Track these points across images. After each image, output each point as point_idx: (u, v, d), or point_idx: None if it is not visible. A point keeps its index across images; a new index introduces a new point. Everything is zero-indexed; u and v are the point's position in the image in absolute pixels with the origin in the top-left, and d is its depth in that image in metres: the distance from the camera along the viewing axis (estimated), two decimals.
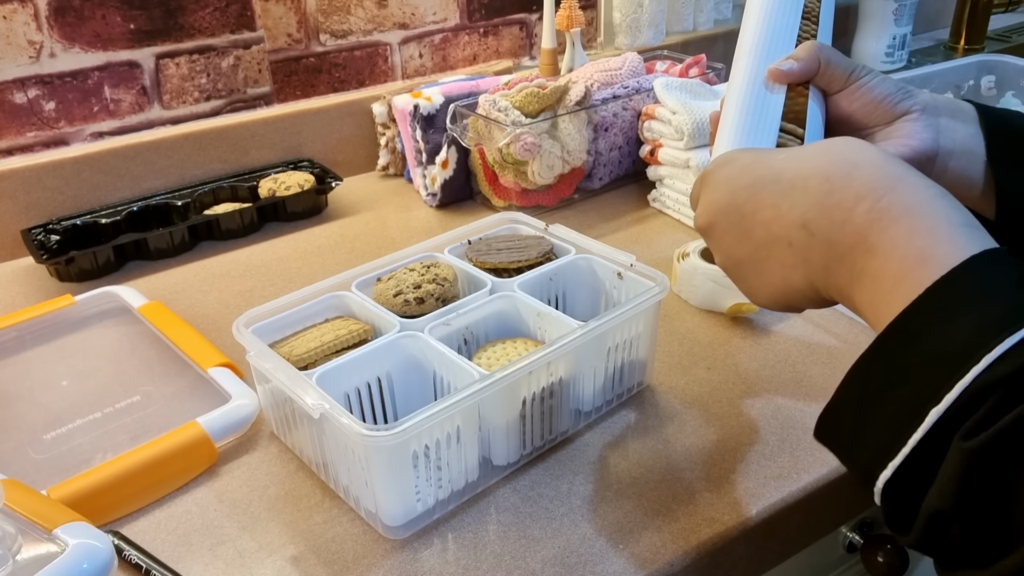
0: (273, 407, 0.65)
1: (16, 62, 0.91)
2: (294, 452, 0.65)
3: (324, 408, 0.55)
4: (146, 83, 1.00)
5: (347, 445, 0.56)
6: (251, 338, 0.63)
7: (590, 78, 1.05)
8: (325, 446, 0.60)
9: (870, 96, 0.55)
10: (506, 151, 0.95)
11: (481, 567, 0.55)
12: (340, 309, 0.70)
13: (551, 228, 0.77)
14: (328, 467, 0.61)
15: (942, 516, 0.35)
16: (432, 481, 0.58)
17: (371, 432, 0.53)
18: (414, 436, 0.55)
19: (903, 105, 0.55)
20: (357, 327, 0.66)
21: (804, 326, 0.78)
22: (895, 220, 0.39)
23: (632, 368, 0.69)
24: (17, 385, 0.71)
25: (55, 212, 0.95)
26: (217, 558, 0.56)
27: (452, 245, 0.75)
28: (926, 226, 0.39)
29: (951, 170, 0.55)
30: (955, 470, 0.34)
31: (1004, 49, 1.54)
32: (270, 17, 1.04)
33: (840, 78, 0.56)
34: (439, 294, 0.68)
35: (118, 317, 0.80)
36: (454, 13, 1.17)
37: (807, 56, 0.55)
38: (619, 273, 0.71)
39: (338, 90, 1.13)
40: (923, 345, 0.37)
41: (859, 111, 0.56)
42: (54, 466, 0.62)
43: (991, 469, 0.33)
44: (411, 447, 0.55)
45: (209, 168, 1.04)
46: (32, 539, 0.46)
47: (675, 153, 0.96)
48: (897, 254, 0.39)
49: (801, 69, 0.55)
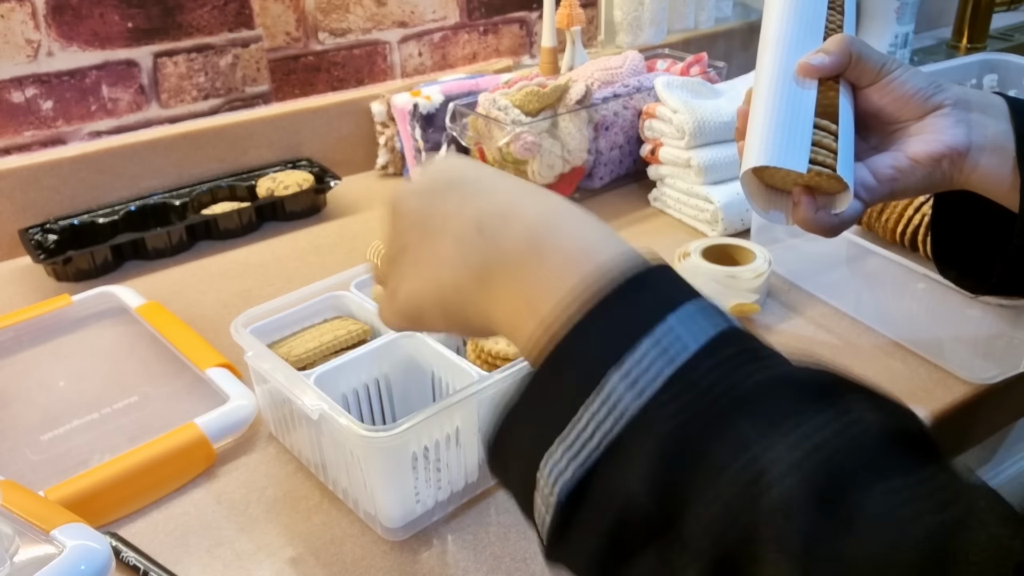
0: (271, 408, 0.65)
1: (14, 61, 0.91)
2: (292, 453, 0.65)
3: (323, 409, 0.55)
4: (144, 82, 0.99)
5: (346, 446, 0.56)
6: (249, 338, 0.62)
7: (590, 77, 1.04)
8: (324, 447, 0.59)
9: (901, 90, 0.54)
10: (506, 150, 0.94)
11: (481, 568, 0.55)
12: (339, 309, 0.69)
13: None
14: (327, 468, 0.61)
15: (638, 507, 0.30)
16: (431, 483, 0.58)
17: (370, 433, 0.52)
18: (413, 437, 0.54)
19: (935, 100, 0.54)
20: (356, 328, 0.66)
21: (804, 326, 0.78)
22: (561, 237, 0.37)
23: None
24: (14, 385, 0.71)
25: (52, 212, 0.95)
26: (215, 559, 0.56)
27: None
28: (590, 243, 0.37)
29: (982, 166, 0.54)
30: (661, 455, 0.30)
31: (1006, 48, 1.53)
32: (268, 16, 1.04)
33: (871, 72, 0.55)
34: None
35: (116, 317, 0.80)
36: (454, 11, 1.17)
37: (838, 49, 0.54)
38: None
39: (337, 89, 1.12)
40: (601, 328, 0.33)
41: (889, 105, 0.55)
42: (51, 467, 0.62)
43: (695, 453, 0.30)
44: (410, 448, 0.55)
45: (207, 167, 1.03)
46: (29, 540, 0.46)
47: (676, 152, 0.96)
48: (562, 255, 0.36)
49: (833, 63, 0.54)
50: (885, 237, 0.90)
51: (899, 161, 0.54)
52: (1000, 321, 0.68)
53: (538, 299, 0.35)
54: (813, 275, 0.83)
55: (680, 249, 0.83)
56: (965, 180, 0.55)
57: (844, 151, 0.53)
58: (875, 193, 0.54)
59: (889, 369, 0.72)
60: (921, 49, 1.58)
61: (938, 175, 0.54)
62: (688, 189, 0.96)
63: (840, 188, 0.54)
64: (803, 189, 0.55)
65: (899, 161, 0.54)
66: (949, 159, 0.53)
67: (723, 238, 0.87)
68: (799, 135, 0.53)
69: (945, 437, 0.69)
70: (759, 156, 0.53)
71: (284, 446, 0.65)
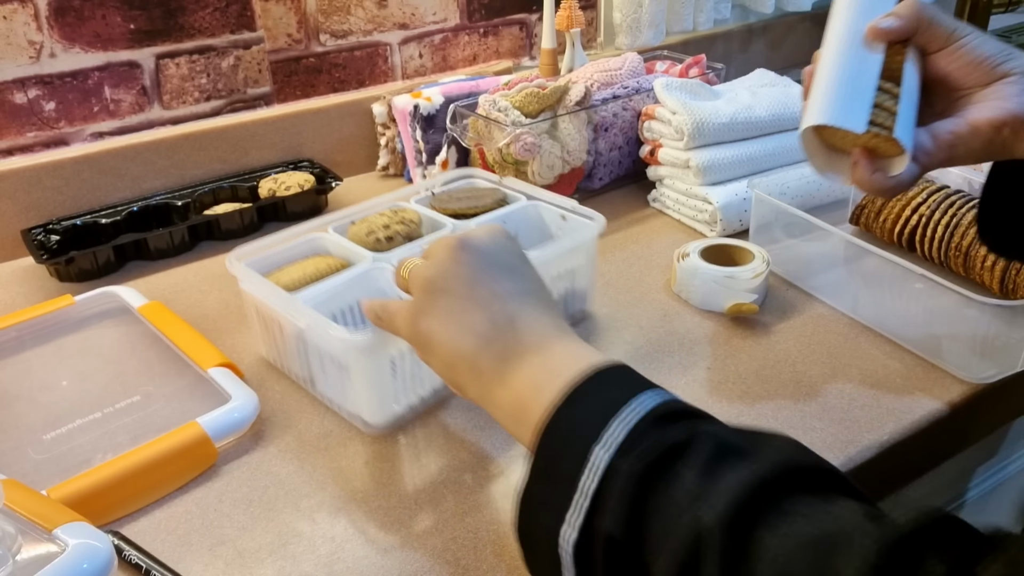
0: (264, 333, 0.73)
1: (16, 62, 0.91)
2: (283, 372, 0.73)
3: (309, 320, 0.63)
4: (146, 83, 1.00)
5: (330, 353, 0.64)
6: (244, 269, 0.70)
7: (590, 78, 1.05)
8: (311, 358, 0.68)
9: (971, 56, 0.54)
10: (506, 151, 0.95)
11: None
12: (319, 249, 0.77)
13: (504, 181, 0.86)
14: (315, 381, 0.69)
15: (614, 542, 0.39)
16: (407, 390, 0.67)
17: (350, 336, 0.60)
18: (388, 341, 0.61)
19: (1004, 67, 0.53)
20: (335, 262, 0.74)
21: (804, 326, 0.78)
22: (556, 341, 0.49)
23: (574, 296, 0.79)
24: (17, 385, 0.71)
25: (55, 212, 0.95)
26: (217, 558, 0.56)
27: (417, 197, 0.84)
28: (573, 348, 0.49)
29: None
30: (623, 493, 0.39)
31: None
32: (270, 17, 1.05)
33: (941, 37, 0.54)
34: (406, 233, 0.77)
35: (118, 317, 0.81)
36: (454, 13, 1.17)
37: (909, 14, 0.54)
38: (563, 216, 0.80)
39: (338, 90, 1.13)
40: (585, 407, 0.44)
41: (957, 71, 0.55)
42: (54, 466, 0.62)
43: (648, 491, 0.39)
44: (386, 352, 0.63)
45: (209, 168, 1.04)
46: (32, 539, 0.46)
47: (675, 153, 0.96)
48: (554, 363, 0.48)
49: (903, 26, 0.54)
50: (883, 237, 0.90)
51: (959, 126, 0.54)
52: (998, 320, 0.68)
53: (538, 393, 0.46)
54: (811, 275, 0.83)
55: (679, 249, 0.84)
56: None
57: (905, 115, 0.53)
58: (933, 157, 0.54)
59: (887, 368, 0.72)
60: None
61: (998, 143, 0.53)
62: (687, 190, 0.96)
63: (898, 151, 0.54)
64: (862, 150, 0.55)
65: (959, 126, 0.54)
66: (1011, 127, 0.53)
67: (722, 238, 0.87)
68: (861, 97, 0.53)
69: (943, 436, 0.69)
70: (819, 115, 0.53)
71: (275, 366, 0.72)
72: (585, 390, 0.44)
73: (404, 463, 0.64)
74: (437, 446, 0.65)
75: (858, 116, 0.53)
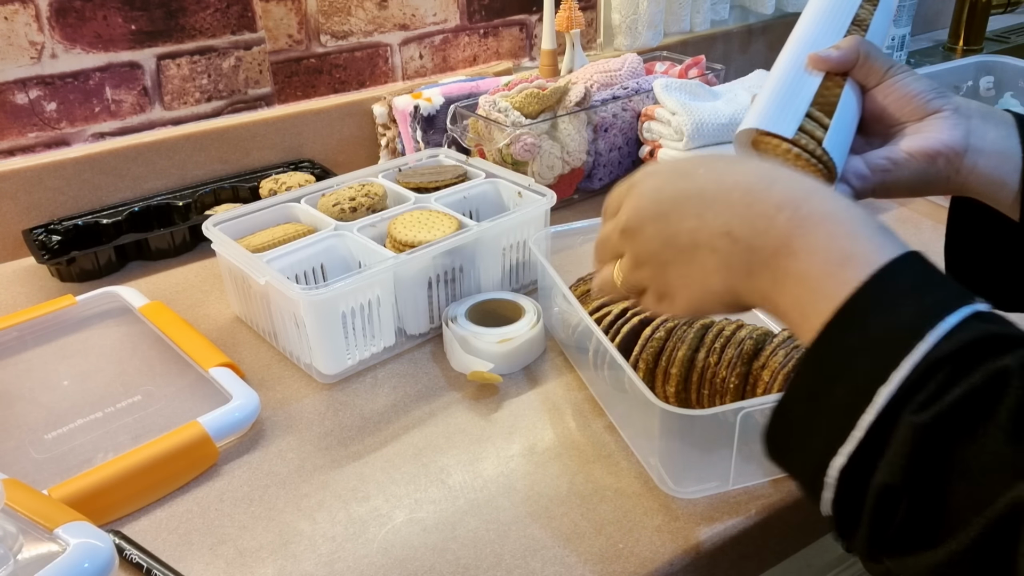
0: (235, 291, 0.81)
1: (17, 63, 0.92)
2: (250, 325, 0.81)
3: (269, 277, 0.70)
4: (147, 84, 1.00)
5: (288, 308, 0.71)
6: (217, 233, 0.78)
7: (590, 79, 1.05)
8: (272, 313, 0.74)
9: (904, 92, 0.56)
10: (506, 152, 0.95)
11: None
12: (289, 217, 0.85)
13: (471, 161, 0.92)
14: (277, 336, 0.76)
15: (892, 491, 0.35)
16: (359, 345, 0.73)
17: (306, 290, 0.68)
18: (340, 296, 0.70)
19: (935, 103, 0.55)
20: (302, 228, 0.82)
21: None
22: (816, 225, 0.41)
23: (528, 267, 0.85)
24: (18, 385, 0.72)
25: (56, 212, 0.96)
26: (218, 557, 0.56)
27: (384, 172, 0.91)
28: (845, 230, 0.41)
29: (980, 168, 0.55)
30: (905, 445, 0.35)
31: (1003, 50, 1.54)
32: (271, 18, 1.05)
33: (877, 72, 0.57)
34: (369, 204, 0.84)
35: (119, 317, 0.81)
36: (454, 14, 1.18)
37: (848, 47, 0.56)
38: (519, 192, 0.86)
39: (339, 91, 1.13)
40: (867, 331, 0.38)
41: (892, 105, 0.57)
42: (55, 466, 0.62)
43: (939, 444, 0.34)
44: (339, 306, 0.70)
45: (210, 169, 1.04)
46: (33, 539, 0.46)
47: (675, 154, 0.97)
48: (820, 256, 0.40)
49: (840, 57, 0.56)
50: None
51: (894, 153, 0.55)
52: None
53: (802, 297, 0.41)
54: None
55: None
56: (963, 182, 0.55)
57: (835, 136, 0.55)
58: (867, 182, 0.56)
59: None
60: (918, 51, 1.58)
61: (932, 172, 0.55)
62: None
63: (826, 177, 0.55)
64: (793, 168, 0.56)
65: (894, 153, 0.55)
66: (945, 157, 0.54)
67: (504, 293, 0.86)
68: (789, 117, 0.55)
69: None
70: (750, 120, 0.56)
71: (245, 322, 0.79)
72: (864, 307, 0.38)
73: (404, 463, 0.64)
74: (436, 441, 0.65)
75: (787, 125, 0.55)
